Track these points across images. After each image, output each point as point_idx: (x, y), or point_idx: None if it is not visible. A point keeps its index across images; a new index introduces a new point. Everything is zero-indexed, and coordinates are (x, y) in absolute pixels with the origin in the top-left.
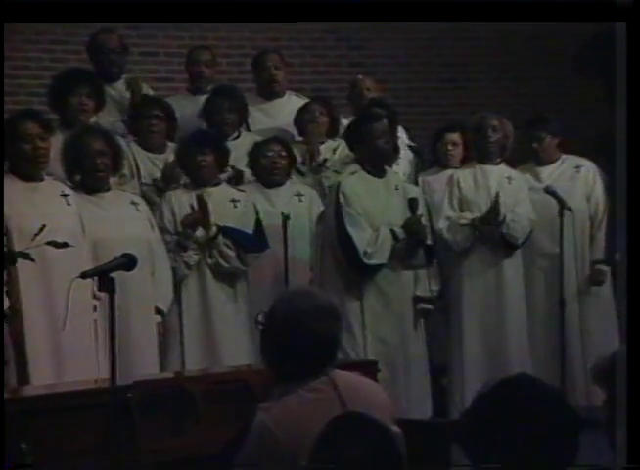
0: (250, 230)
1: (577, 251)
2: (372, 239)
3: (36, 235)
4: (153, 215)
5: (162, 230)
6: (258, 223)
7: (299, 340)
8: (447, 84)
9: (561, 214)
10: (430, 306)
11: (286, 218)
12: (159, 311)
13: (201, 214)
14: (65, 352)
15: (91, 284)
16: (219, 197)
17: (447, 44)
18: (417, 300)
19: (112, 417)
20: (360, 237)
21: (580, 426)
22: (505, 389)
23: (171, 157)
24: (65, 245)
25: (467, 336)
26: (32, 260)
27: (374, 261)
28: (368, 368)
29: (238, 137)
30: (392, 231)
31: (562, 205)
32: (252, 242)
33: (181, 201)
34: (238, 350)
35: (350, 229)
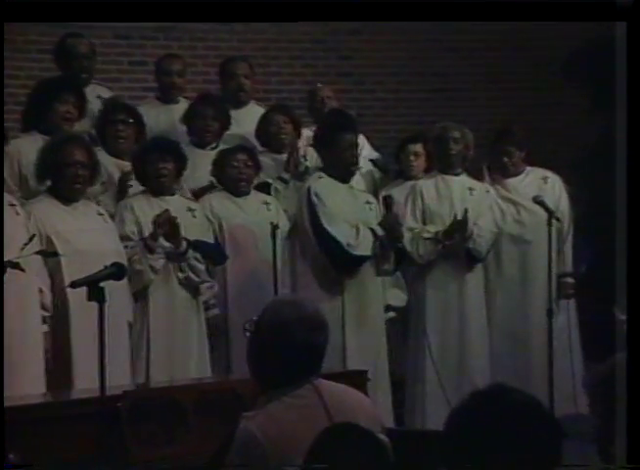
0: (210, 240)
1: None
2: (352, 234)
3: (25, 245)
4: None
5: (124, 239)
6: (216, 236)
7: (284, 348)
8: (436, 94)
9: (549, 224)
10: (395, 315)
11: (275, 227)
12: (129, 324)
13: (170, 218)
14: (15, 365)
15: (39, 296)
16: (177, 206)
17: (436, 54)
18: (388, 308)
19: (102, 427)
20: (340, 231)
21: (561, 434)
22: (479, 400)
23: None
24: (54, 254)
25: (429, 348)
26: (22, 270)
27: (359, 253)
28: (356, 378)
29: (214, 148)
30: (371, 229)
31: (550, 214)
32: (219, 254)
33: (144, 210)
34: (201, 361)
35: (328, 227)
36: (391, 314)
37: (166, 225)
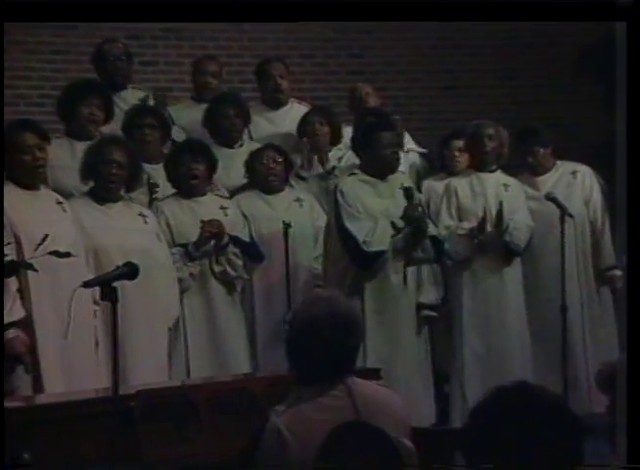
0: (246, 238)
1: (579, 256)
2: (371, 229)
3: (39, 245)
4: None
5: None
6: (252, 235)
7: (315, 346)
8: (447, 91)
9: (562, 221)
10: (434, 313)
11: (287, 226)
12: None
13: (219, 232)
14: (72, 361)
15: (92, 290)
16: (209, 205)
17: (447, 51)
18: (421, 307)
19: (115, 426)
20: (358, 228)
21: (583, 433)
22: (502, 397)
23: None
24: (67, 255)
25: (468, 344)
26: (35, 270)
27: (373, 248)
28: (369, 376)
29: (242, 145)
30: (392, 222)
31: (563, 211)
32: (258, 252)
33: (174, 212)
34: (241, 357)
35: (348, 224)
36: (427, 312)
37: (212, 237)
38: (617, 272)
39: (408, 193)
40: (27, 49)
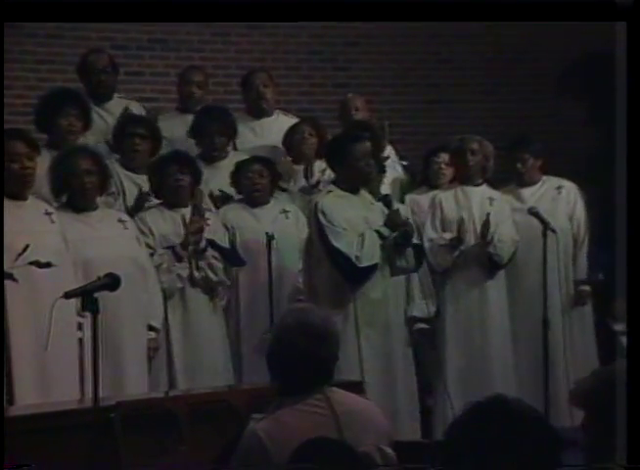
0: (225, 245)
1: (561, 271)
2: (359, 243)
3: (19, 255)
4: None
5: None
6: (233, 242)
7: (290, 357)
8: (432, 105)
9: (544, 235)
10: (426, 326)
11: (270, 238)
12: (151, 328)
13: (202, 222)
14: (50, 372)
15: (76, 301)
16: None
17: (432, 65)
18: (413, 320)
19: (95, 437)
20: (346, 245)
21: (561, 445)
22: (478, 413)
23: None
24: (48, 265)
25: (450, 357)
26: (15, 281)
27: (366, 263)
28: (352, 389)
29: (226, 157)
30: (377, 231)
31: (545, 226)
32: (236, 257)
33: (156, 221)
34: (219, 367)
35: (336, 243)
36: (420, 325)
37: (199, 234)
38: (586, 288)
39: (387, 201)
40: (12, 58)
